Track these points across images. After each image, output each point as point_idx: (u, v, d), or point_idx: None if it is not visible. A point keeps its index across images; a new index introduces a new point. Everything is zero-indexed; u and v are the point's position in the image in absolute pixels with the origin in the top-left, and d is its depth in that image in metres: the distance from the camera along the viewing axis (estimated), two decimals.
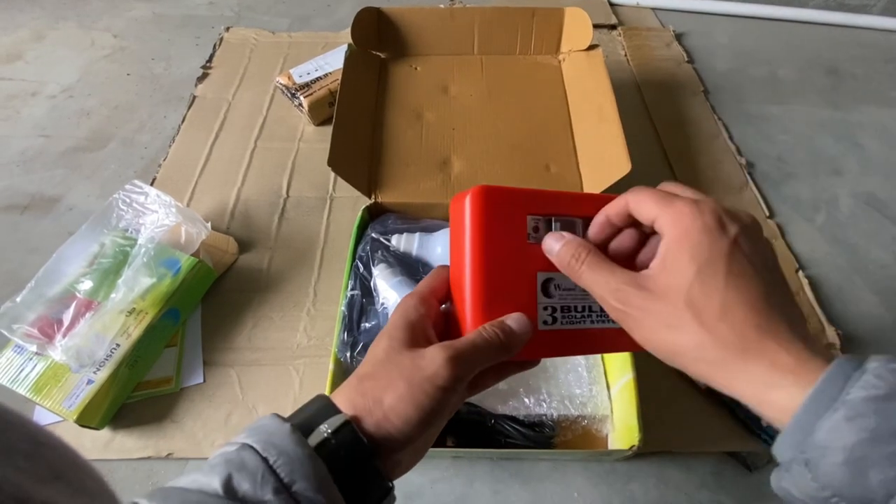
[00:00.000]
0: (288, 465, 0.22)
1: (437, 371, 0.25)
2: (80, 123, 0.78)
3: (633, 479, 0.47)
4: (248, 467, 0.22)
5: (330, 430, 0.24)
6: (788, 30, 0.96)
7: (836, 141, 0.77)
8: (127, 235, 0.55)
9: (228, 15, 0.97)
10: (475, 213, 0.28)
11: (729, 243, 0.22)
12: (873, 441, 0.17)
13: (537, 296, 0.29)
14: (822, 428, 0.18)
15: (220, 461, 0.23)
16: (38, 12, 0.97)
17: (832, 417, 0.18)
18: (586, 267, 0.26)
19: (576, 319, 0.29)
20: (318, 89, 0.73)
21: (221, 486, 0.21)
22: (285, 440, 0.23)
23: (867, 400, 0.18)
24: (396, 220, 0.57)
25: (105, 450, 0.48)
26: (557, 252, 0.27)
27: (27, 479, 0.13)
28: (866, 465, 0.17)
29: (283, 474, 0.22)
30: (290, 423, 0.24)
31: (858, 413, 0.18)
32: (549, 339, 0.29)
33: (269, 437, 0.23)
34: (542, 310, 0.29)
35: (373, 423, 0.24)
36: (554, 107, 0.67)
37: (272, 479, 0.22)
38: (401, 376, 0.25)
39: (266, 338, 0.55)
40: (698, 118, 0.78)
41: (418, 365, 0.25)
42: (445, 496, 0.47)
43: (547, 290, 0.29)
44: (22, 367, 0.47)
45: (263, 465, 0.22)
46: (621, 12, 0.98)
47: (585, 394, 0.47)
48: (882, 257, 0.64)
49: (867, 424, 0.18)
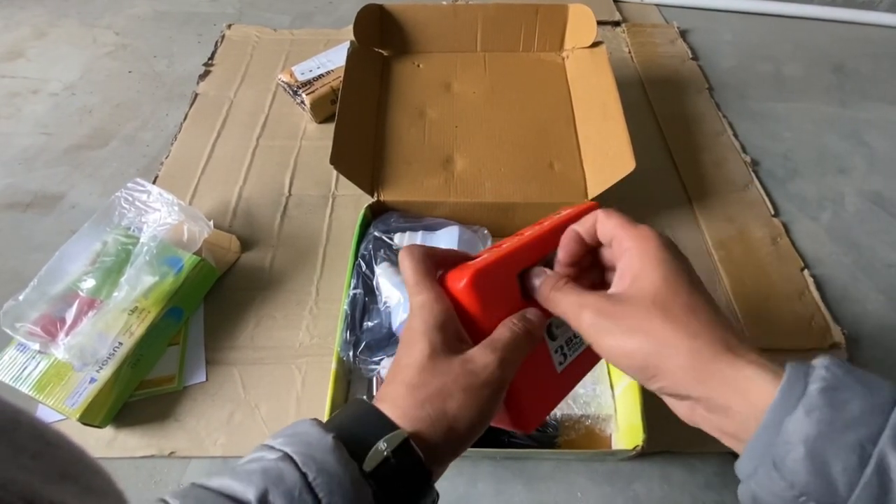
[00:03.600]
0: (328, 485, 0.21)
1: (493, 374, 0.25)
2: (82, 121, 0.77)
3: (637, 480, 0.47)
4: (286, 482, 0.21)
5: (389, 449, 0.23)
6: (794, 26, 0.95)
7: (842, 139, 0.76)
8: (129, 234, 0.55)
9: (230, 12, 0.97)
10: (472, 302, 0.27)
11: (684, 262, 0.25)
12: (830, 433, 0.18)
13: (548, 343, 0.30)
14: (787, 422, 0.19)
15: (258, 469, 0.22)
16: (39, 10, 0.96)
17: (796, 413, 0.19)
18: (560, 293, 0.27)
19: (578, 345, 0.31)
20: (320, 87, 0.72)
21: (256, 500, 0.21)
22: (328, 456, 0.22)
23: (820, 392, 0.19)
24: (399, 218, 0.57)
25: (108, 448, 0.48)
26: (538, 288, 0.28)
27: (35, 479, 0.13)
28: (826, 457, 0.18)
29: (322, 494, 0.21)
30: (332, 434, 0.23)
31: (814, 406, 0.19)
32: (567, 375, 0.30)
33: (309, 449, 0.22)
34: (555, 353, 0.30)
35: (439, 435, 0.24)
36: (557, 104, 0.66)
37: (310, 499, 0.21)
38: (457, 384, 0.25)
39: (268, 336, 0.55)
40: (703, 115, 0.78)
41: (472, 371, 0.25)
42: (448, 496, 0.46)
43: (551, 334, 0.30)
44: (25, 366, 0.47)
45: (301, 482, 0.21)
46: (625, 9, 0.97)
47: (589, 393, 0.47)
48: (888, 256, 0.63)
49: (823, 416, 0.18)
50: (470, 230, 0.57)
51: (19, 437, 0.13)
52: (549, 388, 0.30)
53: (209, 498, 0.21)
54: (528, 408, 0.29)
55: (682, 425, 0.27)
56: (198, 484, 0.22)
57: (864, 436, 0.18)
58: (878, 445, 0.18)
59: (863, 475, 0.18)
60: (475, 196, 0.58)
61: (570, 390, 0.31)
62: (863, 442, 0.18)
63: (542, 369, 0.29)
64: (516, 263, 0.29)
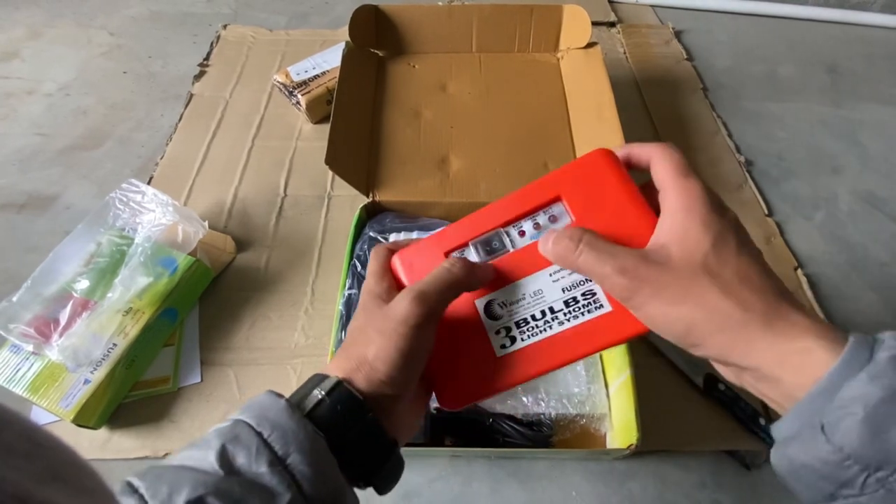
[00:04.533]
0: (282, 439, 0.22)
1: (407, 311, 0.25)
2: (77, 122, 0.77)
3: (632, 478, 0.47)
4: (242, 440, 0.22)
5: (323, 391, 0.25)
6: (788, 27, 0.95)
7: (835, 139, 0.77)
8: (124, 234, 0.54)
9: (226, 12, 0.97)
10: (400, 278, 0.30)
11: (731, 222, 0.24)
12: (894, 400, 0.18)
13: (483, 322, 0.28)
14: (847, 387, 0.18)
15: (214, 436, 0.23)
16: (34, 10, 0.96)
17: (858, 377, 0.18)
18: (586, 247, 0.24)
19: (538, 328, 0.27)
20: (315, 87, 0.72)
21: (217, 458, 0.22)
22: (281, 414, 0.23)
23: (889, 359, 0.18)
24: (394, 218, 0.57)
25: (102, 450, 0.48)
26: (551, 247, 0.26)
27: (26, 479, 0.13)
28: (887, 423, 0.18)
29: (278, 447, 0.22)
30: (284, 398, 0.24)
31: (881, 372, 0.18)
32: (516, 362, 0.27)
33: (263, 412, 0.24)
34: (495, 335, 0.28)
35: (362, 378, 0.25)
36: (552, 105, 0.66)
37: (266, 452, 0.22)
38: (376, 330, 0.26)
39: (264, 337, 0.55)
40: (697, 116, 0.78)
41: (389, 314, 0.26)
42: (443, 495, 0.46)
43: (492, 313, 0.28)
44: (18, 367, 0.47)
45: (258, 439, 0.22)
46: (620, 9, 0.97)
47: (583, 392, 0.47)
48: (881, 255, 0.64)
49: (889, 383, 0.18)
50: None
51: (10, 438, 0.13)
52: (485, 371, 0.28)
53: (167, 472, 0.22)
54: (453, 384, 0.28)
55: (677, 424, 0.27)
56: (160, 464, 0.23)
57: None
58: None
59: None
60: (470, 196, 0.58)
61: (519, 382, 0.28)
62: None
63: (476, 349, 0.28)
64: (446, 241, 0.29)
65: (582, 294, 0.27)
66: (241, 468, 0.22)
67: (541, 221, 0.28)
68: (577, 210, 0.27)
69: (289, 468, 0.22)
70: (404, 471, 0.28)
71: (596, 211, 0.27)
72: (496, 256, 0.28)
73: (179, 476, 0.21)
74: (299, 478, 0.22)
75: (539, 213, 0.28)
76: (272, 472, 0.22)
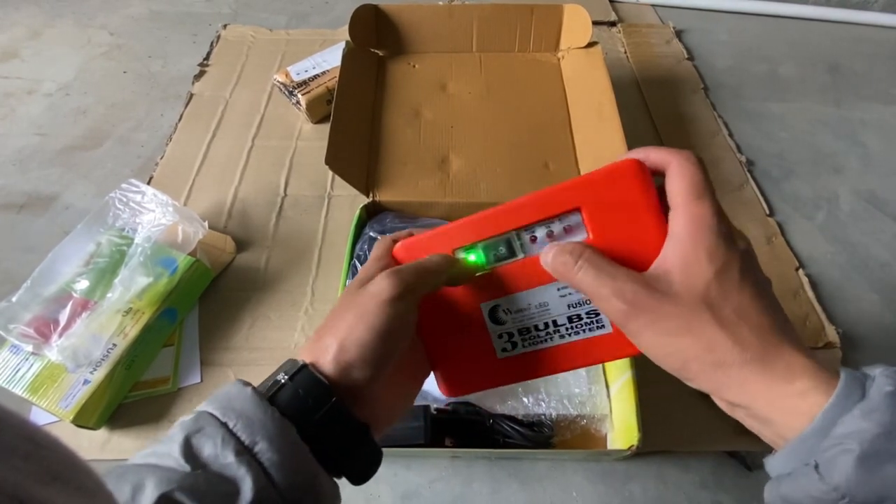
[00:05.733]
0: (248, 428, 0.22)
1: (380, 287, 0.25)
2: (77, 122, 0.77)
3: (632, 479, 0.47)
4: (207, 432, 0.22)
5: (286, 376, 0.24)
6: (789, 27, 0.95)
7: (836, 138, 0.77)
8: (123, 234, 0.54)
9: (226, 12, 0.97)
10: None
11: (740, 254, 0.23)
12: (889, 436, 0.18)
13: (487, 326, 0.28)
14: (842, 424, 0.18)
15: (178, 429, 0.22)
16: (34, 9, 0.96)
17: (852, 413, 0.18)
18: (586, 265, 0.24)
19: (539, 339, 0.28)
20: (315, 87, 0.72)
21: (181, 452, 0.21)
22: (246, 403, 0.23)
23: (883, 396, 0.18)
24: (394, 218, 0.57)
25: (102, 450, 0.48)
26: (551, 260, 0.25)
27: (25, 479, 0.12)
28: (882, 459, 0.17)
29: (244, 436, 0.22)
30: (250, 387, 0.24)
31: (874, 408, 0.18)
32: (514, 365, 0.29)
33: (229, 401, 0.23)
34: (497, 338, 0.28)
35: (330, 360, 0.24)
36: (553, 104, 0.66)
37: (233, 442, 0.21)
38: (349, 309, 0.25)
39: (264, 337, 0.55)
40: (698, 115, 0.78)
41: (363, 291, 0.25)
42: (444, 496, 0.46)
43: (496, 318, 0.28)
44: (18, 368, 0.47)
45: (223, 430, 0.22)
46: (621, 9, 0.97)
47: (584, 393, 0.47)
48: (882, 256, 0.63)
49: (883, 419, 0.18)
50: None
51: (9, 439, 0.13)
52: (484, 368, 0.29)
53: (129, 471, 0.21)
54: (453, 374, 0.30)
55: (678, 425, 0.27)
56: (123, 464, 0.22)
57: None
58: None
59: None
60: (471, 196, 0.58)
61: (519, 380, 0.29)
62: None
63: (477, 348, 0.29)
64: (454, 238, 0.28)
65: (586, 313, 0.27)
66: (206, 460, 0.21)
67: (555, 230, 0.27)
68: (595, 223, 0.26)
69: (256, 456, 0.21)
70: (405, 471, 0.27)
71: (613, 226, 0.26)
72: (504, 262, 0.28)
73: (142, 474, 0.21)
74: (267, 465, 0.21)
75: (555, 220, 0.27)
76: (239, 461, 0.21)
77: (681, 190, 0.23)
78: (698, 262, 0.22)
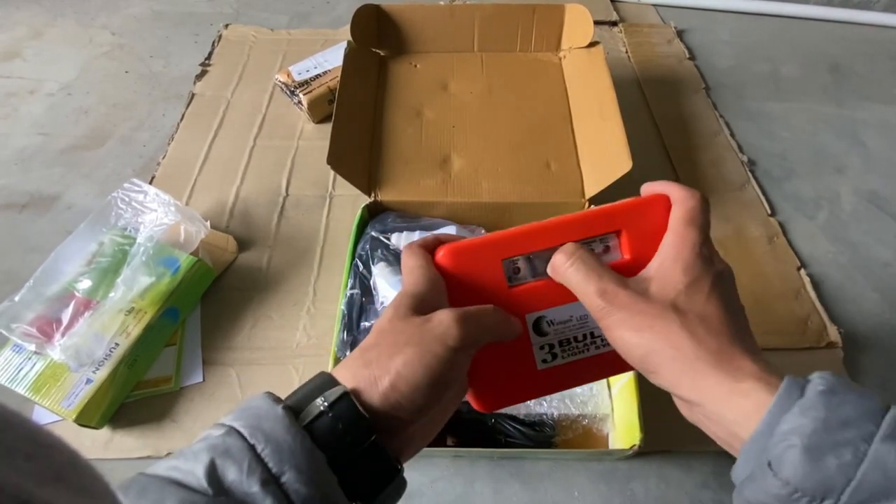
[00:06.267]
0: (277, 454, 0.21)
1: (447, 331, 0.24)
2: (79, 121, 0.77)
3: (634, 479, 0.47)
4: (234, 455, 0.21)
5: (326, 403, 0.22)
6: (791, 26, 0.95)
7: (838, 138, 0.77)
8: (126, 234, 0.54)
9: (227, 12, 0.97)
10: (446, 274, 0.28)
11: (714, 273, 0.26)
12: (826, 430, 0.19)
13: (531, 337, 0.29)
14: (783, 421, 0.20)
15: (204, 447, 0.21)
16: (36, 9, 0.96)
17: (792, 411, 0.20)
18: (576, 264, 0.26)
19: (578, 350, 0.29)
20: (317, 87, 0.72)
21: (205, 476, 0.20)
22: (277, 425, 0.21)
23: (817, 394, 0.20)
24: (396, 218, 0.57)
25: (104, 449, 0.48)
26: (553, 260, 0.28)
27: (28, 480, 0.12)
28: (822, 451, 0.19)
29: (272, 464, 0.20)
30: (282, 404, 0.22)
31: (811, 406, 0.20)
32: (551, 376, 0.29)
33: (258, 420, 0.22)
34: (539, 349, 0.29)
35: (378, 394, 0.23)
36: (554, 104, 0.66)
37: (259, 469, 0.20)
38: (408, 341, 0.24)
39: (266, 337, 0.55)
40: (700, 115, 0.78)
41: (426, 328, 0.24)
42: (445, 495, 0.46)
43: (540, 329, 0.29)
44: (21, 367, 0.47)
45: (250, 454, 0.21)
46: (622, 9, 0.97)
47: (586, 393, 0.47)
48: (884, 255, 0.63)
49: (818, 415, 0.19)
50: (467, 230, 0.57)
51: (12, 439, 0.13)
52: (523, 381, 0.29)
53: (152, 484, 0.20)
54: (490, 389, 0.29)
55: (679, 425, 0.27)
56: (144, 473, 0.21)
57: (858, 435, 0.19)
58: (871, 445, 0.18)
59: (858, 471, 0.18)
60: (472, 196, 0.58)
61: (552, 392, 0.30)
62: (857, 440, 0.19)
63: (519, 360, 0.29)
64: (504, 247, 0.28)
65: None
66: (231, 486, 0.20)
67: (596, 249, 0.29)
68: (632, 248, 0.28)
69: (283, 487, 0.20)
70: (406, 470, 0.27)
71: (643, 249, 0.28)
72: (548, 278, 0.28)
73: (164, 493, 0.20)
74: (293, 498, 0.20)
75: (596, 240, 0.28)
76: (265, 491, 0.20)
77: (676, 215, 0.27)
78: (675, 273, 0.25)
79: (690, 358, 0.23)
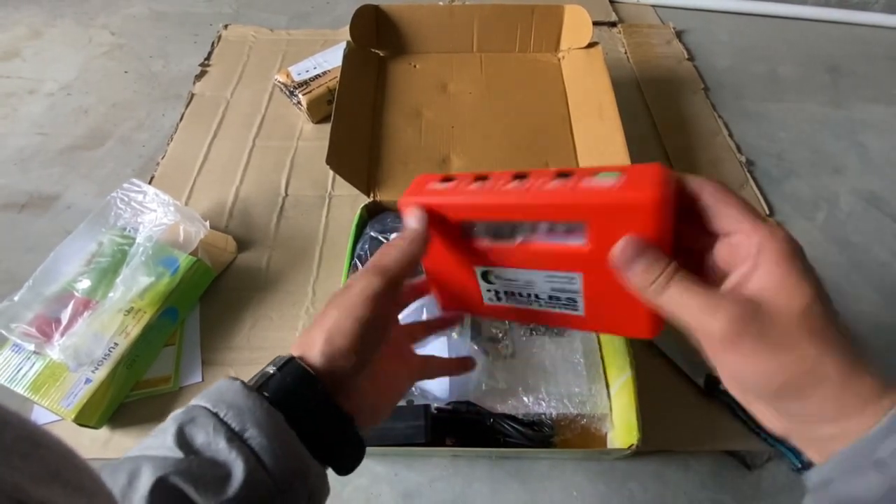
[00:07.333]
0: (238, 416, 0.23)
1: (364, 284, 0.27)
2: (78, 121, 0.77)
3: (633, 478, 0.47)
4: (199, 421, 0.23)
5: (274, 367, 0.26)
6: (789, 27, 0.95)
7: (836, 139, 0.77)
8: (125, 234, 0.54)
9: (227, 12, 0.97)
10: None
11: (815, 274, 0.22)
12: None
13: (479, 283, 0.32)
14: None
15: (170, 422, 0.24)
16: (35, 9, 0.96)
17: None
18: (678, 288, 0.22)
19: (521, 302, 0.32)
20: (316, 87, 0.72)
21: (174, 440, 0.22)
22: (236, 395, 0.24)
23: None
24: (395, 218, 0.57)
25: (103, 449, 0.48)
26: (635, 272, 0.23)
27: (25, 479, 0.13)
28: None
29: (234, 424, 0.23)
30: (240, 380, 0.25)
31: None
32: (497, 310, 0.34)
33: (220, 394, 0.24)
34: (486, 291, 0.33)
35: (318, 352, 0.26)
36: (553, 105, 0.66)
37: (223, 429, 0.23)
38: (335, 306, 0.27)
39: (265, 337, 0.55)
40: (698, 116, 0.78)
41: (347, 290, 0.27)
42: (444, 495, 0.46)
43: (487, 279, 0.32)
44: (20, 367, 0.47)
45: (214, 419, 0.23)
46: (621, 9, 0.97)
47: (584, 393, 0.47)
48: (882, 255, 0.64)
49: None
50: None
51: (8, 438, 0.13)
52: (473, 303, 0.34)
53: (124, 462, 0.22)
54: (448, 297, 0.35)
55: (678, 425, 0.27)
56: (119, 459, 0.23)
57: None
58: None
59: None
60: None
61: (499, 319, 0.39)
62: None
63: (469, 291, 0.33)
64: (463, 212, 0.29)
65: (567, 298, 0.30)
66: (199, 447, 0.22)
67: (557, 228, 0.27)
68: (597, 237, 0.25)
69: (246, 442, 0.23)
70: (406, 470, 0.28)
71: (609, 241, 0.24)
72: (503, 242, 0.29)
73: (137, 462, 0.22)
74: (258, 450, 0.23)
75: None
76: (230, 446, 0.22)
77: (738, 214, 0.23)
78: (792, 279, 0.22)
79: (840, 385, 0.20)
